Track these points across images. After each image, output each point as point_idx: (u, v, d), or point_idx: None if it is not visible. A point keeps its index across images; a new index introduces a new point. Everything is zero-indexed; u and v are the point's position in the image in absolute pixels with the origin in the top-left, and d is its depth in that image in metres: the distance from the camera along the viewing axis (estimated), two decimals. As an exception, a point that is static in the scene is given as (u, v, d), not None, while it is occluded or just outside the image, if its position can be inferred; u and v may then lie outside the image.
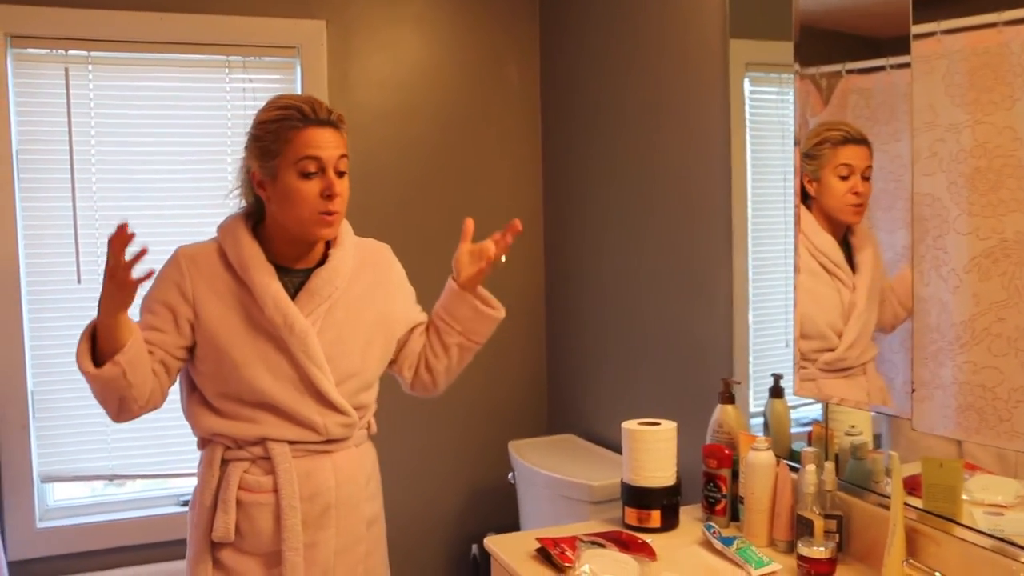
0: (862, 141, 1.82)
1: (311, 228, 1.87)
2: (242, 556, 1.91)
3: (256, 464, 1.91)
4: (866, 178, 1.81)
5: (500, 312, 2.06)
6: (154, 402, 1.88)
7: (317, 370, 1.88)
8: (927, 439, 1.67)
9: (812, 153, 1.93)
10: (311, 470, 1.91)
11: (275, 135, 1.85)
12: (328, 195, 1.84)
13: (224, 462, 1.92)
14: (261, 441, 1.89)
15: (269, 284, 1.87)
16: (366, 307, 1.99)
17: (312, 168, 1.83)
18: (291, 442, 1.90)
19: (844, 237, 1.87)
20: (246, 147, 1.91)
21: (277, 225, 1.91)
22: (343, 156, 1.87)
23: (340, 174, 1.87)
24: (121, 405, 1.83)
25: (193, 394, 1.94)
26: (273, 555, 1.90)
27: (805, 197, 1.96)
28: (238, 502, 1.89)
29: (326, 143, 1.85)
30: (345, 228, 2.01)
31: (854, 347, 1.84)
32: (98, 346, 1.77)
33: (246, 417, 1.89)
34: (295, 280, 1.93)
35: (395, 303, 2.06)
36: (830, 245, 1.90)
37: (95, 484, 2.93)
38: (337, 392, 1.91)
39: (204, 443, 1.97)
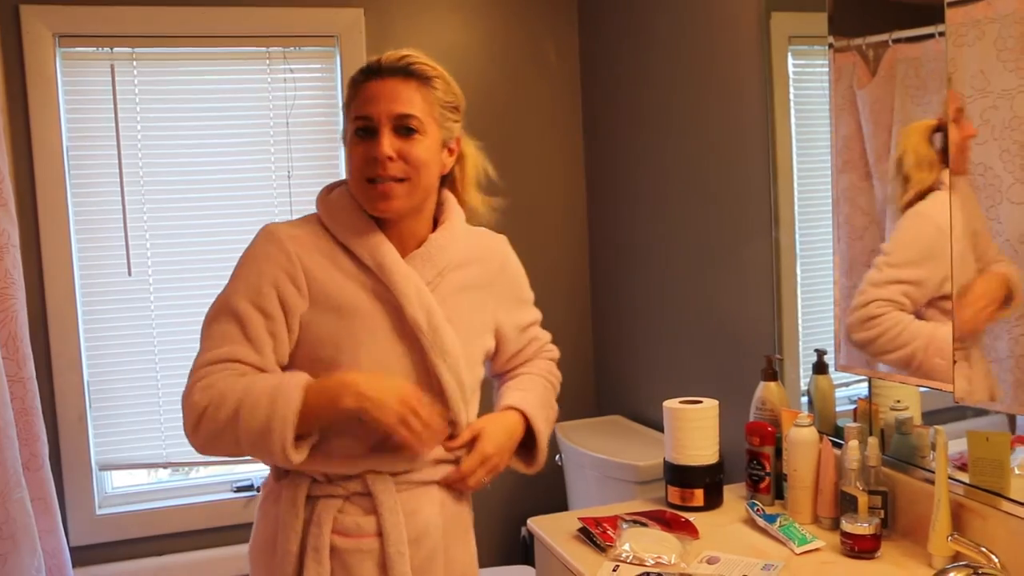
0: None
1: (364, 202, 1.55)
2: None
3: (351, 502, 1.56)
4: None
5: (532, 468, 1.81)
6: None
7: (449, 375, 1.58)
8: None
9: None
10: (417, 507, 1.59)
11: (346, 98, 1.60)
12: (372, 158, 1.51)
13: (310, 498, 1.57)
14: (360, 474, 1.56)
15: (411, 279, 1.56)
16: (465, 308, 1.65)
17: (362, 127, 1.53)
18: (394, 474, 1.58)
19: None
20: None
21: None
22: (404, 113, 1.51)
23: (406, 131, 1.52)
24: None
25: None
26: None
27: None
28: (332, 549, 1.54)
29: (379, 96, 1.51)
30: (455, 212, 1.68)
31: None
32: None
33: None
34: None
35: (499, 312, 1.73)
36: None
37: (153, 471, 2.99)
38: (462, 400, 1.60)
39: (280, 474, 1.62)
